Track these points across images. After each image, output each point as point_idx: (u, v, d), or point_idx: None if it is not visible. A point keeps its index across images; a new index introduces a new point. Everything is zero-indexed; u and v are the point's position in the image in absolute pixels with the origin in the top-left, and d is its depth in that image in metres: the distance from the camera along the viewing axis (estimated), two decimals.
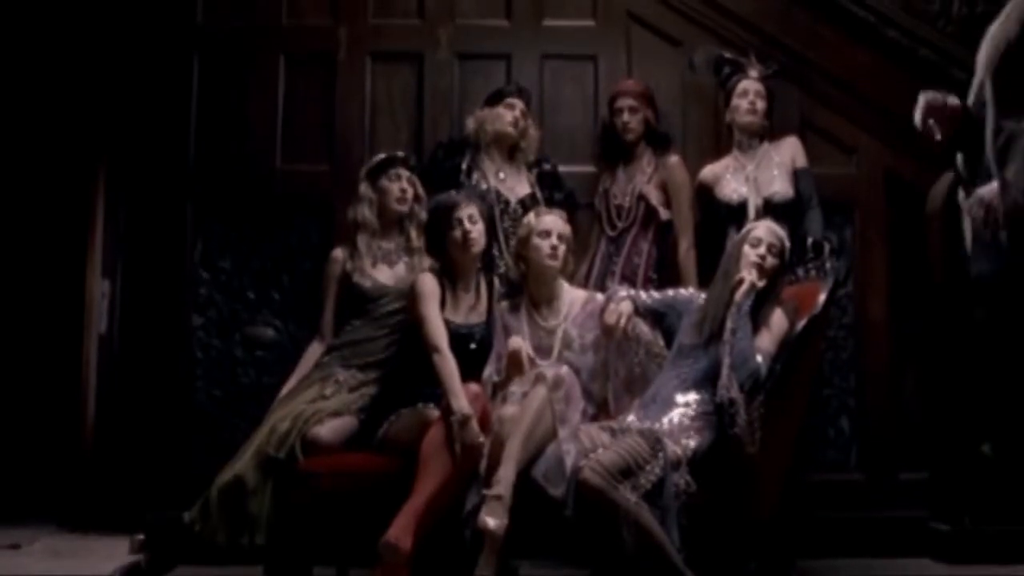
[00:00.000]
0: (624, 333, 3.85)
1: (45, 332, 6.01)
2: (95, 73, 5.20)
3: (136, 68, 5.05)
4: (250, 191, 4.96)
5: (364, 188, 4.28)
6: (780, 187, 4.43)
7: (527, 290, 4.07)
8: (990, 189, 2.77)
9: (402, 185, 4.27)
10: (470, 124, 4.61)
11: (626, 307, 3.86)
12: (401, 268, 4.23)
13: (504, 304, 4.08)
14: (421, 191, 4.31)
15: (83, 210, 5.24)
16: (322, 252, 4.54)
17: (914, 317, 4.82)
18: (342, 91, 5.05)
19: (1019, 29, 2.77)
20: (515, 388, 3.71)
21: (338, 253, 4.27)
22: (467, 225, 3.96)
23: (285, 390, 4.12)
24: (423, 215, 4.23)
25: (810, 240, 4.33)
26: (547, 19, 5.11)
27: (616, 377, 3.90)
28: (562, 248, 3.97)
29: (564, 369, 3.69)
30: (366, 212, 4.25)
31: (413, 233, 4.27)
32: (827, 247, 4.37)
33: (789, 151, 4.54)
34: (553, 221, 4.02)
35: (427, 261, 4.15)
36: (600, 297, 4.05)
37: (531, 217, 4.09)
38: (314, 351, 4.21)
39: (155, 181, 4.98)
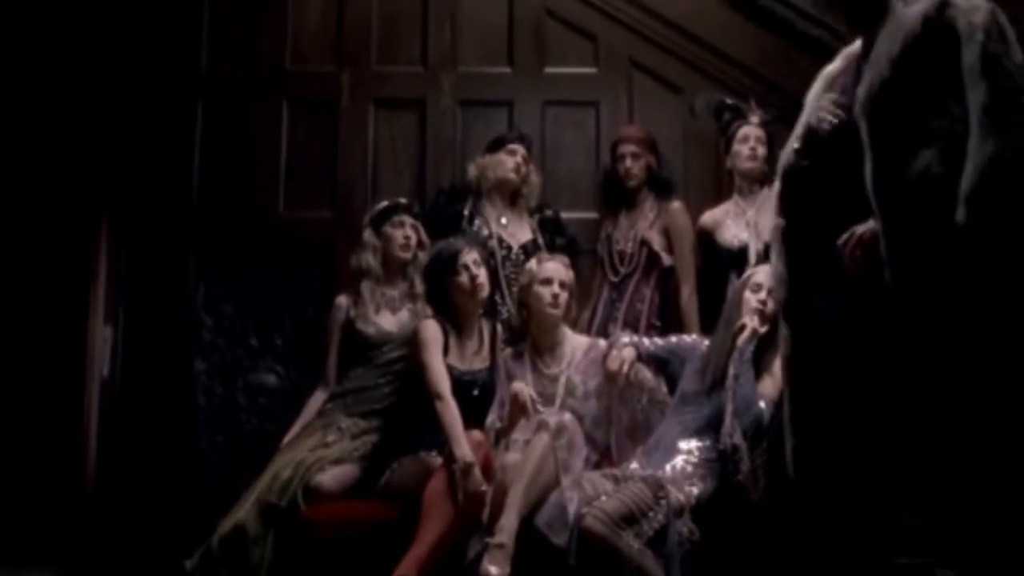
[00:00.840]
0: (627, 380, 3.85)
1: (47, 377, 6.00)
2: (99, 118, 5.22)
3: (140, 113, 5.06)
4: (253, 236, 4.97)
5: (368, 235, 4.31)
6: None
7: (530, 337, 4.07)
8: (868, 227, 2.79)
9: (406, 232, 4.29)
10: (472, 170, 4.64)
11: (629, 354, 3.87)
12: (405, 315, 4.25)
13: (507, 351, 4.08)
14: (425, 238, 4.34)
15: (86, 255, 5.24)
16: (325, 298, 4.57)
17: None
18: (345, 137, 5.08)
19: (891, 69, 2.79)
20: (518, 435, 3.70)
21: (342, 300, 4.29)
22: (473, 270, 3.97)
23: (288, 437, 4.12)
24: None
25: None
26: (549, 66, 5.14)
27: (619, 424, 3.90)
28: (564, 295, 3.98)
29: (567, 416, 3.68)
30: (370, 259, 4.27)
31: (417, 280, 4.29)
32: None
33: None
34: (555, 268, 4.02)
35: (430, 308, 4.15)
36: (603, 344, 4.05)
37: (532, 264, 4.10)
38: (317, 399, 4.21)
39: (158, 226, 4.98)
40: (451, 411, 3.71)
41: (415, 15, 5.20)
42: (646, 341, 4.00)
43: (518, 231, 4.55)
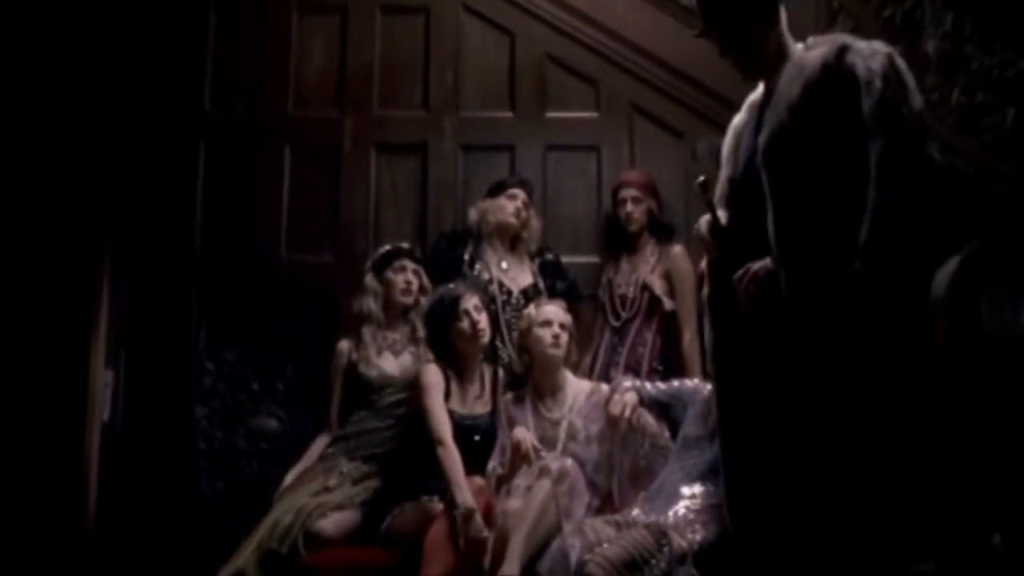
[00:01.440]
0: (629, 425, 3.84)
1: (47, 420, 5.96)
2: (102, 161, 5.22)
3: (143, 157, 5.08)
4: (255, 281, 4.99)
5: (370, 280, 4.32)
6: None
7: (532, 381, 4.07)
8: (762, 264, 2.81)
9: (407, 277, 4.30)
10: (473, 215, 4.65)
11: (631, 398, 3.86)
12: (407, 358, 4.25)
13: (508, 396, 4.08)
14: (427, 282, 4.35)
15: (87, 298, 5.22)
16: (326, 342, 4.57)
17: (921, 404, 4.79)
18: (347, 181, 5.10)
19: (791, 116, 2.81)
20: (519, 481, 3.68)
21: (344, 345, 4.30)
22: (474, 315, 3.98)
23: (289, 478, 4.10)
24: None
25: None
26: (550, 110, 5.16)
27: (621, 469, 3.88)
28: (564, 337, 3.98)
29: (568, 462, 3.67)
30: (372, 304, 4.28)
31: (418, 324, 4.29)
32: None
33: None
34: (553, 311, 4.04)
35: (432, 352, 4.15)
36: (605, 388, 4.04)
37: (531, 309, 4.11)
38: (320, 444, 4.21)
39: (160, 270, 5.00)
40: (452, 457, 3.70)
41: (417, 60, 5.25)
42: (648, 386, 3.99)
43: (519, 275, 4.56)
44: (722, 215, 3.12)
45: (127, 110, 5.12)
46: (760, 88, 3.12)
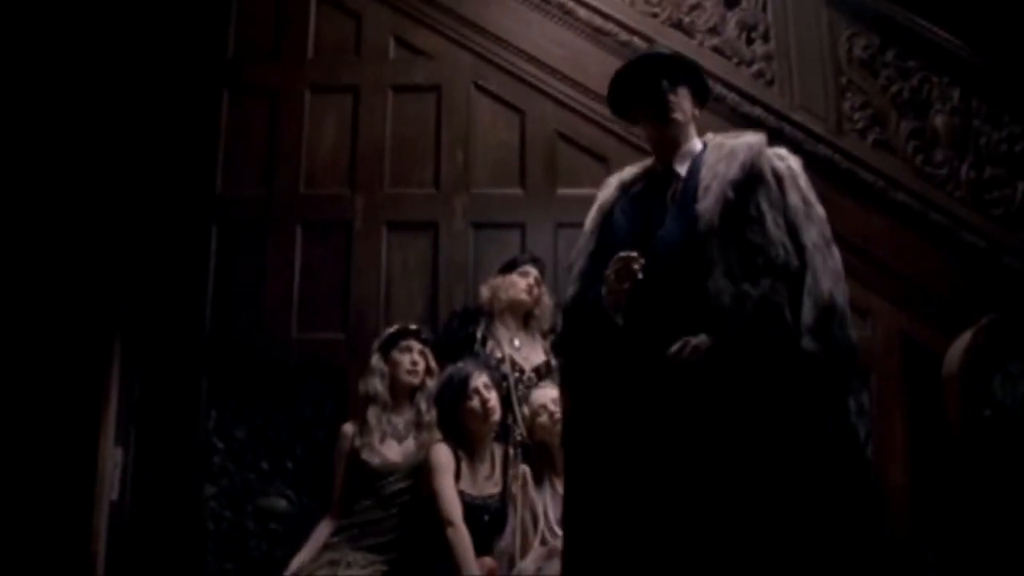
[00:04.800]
0: None
1: (55, 499, 5.93)
2: (114, 240, 5.25)
3: (155, 236, 5.11)
4: (265, 360, 4.98)
5: (376, 360, 4.30)
6: None
7: (550, 461, 4.04)
8: (701, 339, 2.78)
9: (413, 357, 4.28)
10: (484, 292, 4.63)
11: None
12: (411, 444, 4.21)
13: (528, 473, 4.04)
14: (433, 364, 4.32)
15: (97, 376, 5.22)
16: (336, 421, 4.54)
17: (935, 482, 4.75)
18: (358, 260, 5.11)
19: (734, 192, 2.89)
20: (529, 563, 3.65)
21: (347, 428, 4.27)
22: (484, 394, 3.97)
23: (295, 564, 4.05)
24: (435, 388, 4.23)
25: None
26: (561, 188, 5.18)
27: None
28: (560, 410, 3.98)
29: None
30: (377, 385, 4.25)
31: (424, 408, 4.25)
32: None
33: None
34: (542, 395, 4.12)
35: (436, 436, 4.12)
36: None
37: (532, 399, 4.14)
38: (323, 530, 4.15)
39: (170, 350, 5.00)
40: (462, 538, 3.68)
41: (427, 139, 5.28)
42: None
43: (531, 353, 4.53)
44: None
45: (140, 191, 5.16)
46: (631, 170, 3.25)
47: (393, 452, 4.17)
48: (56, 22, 5.11)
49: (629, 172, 3.25)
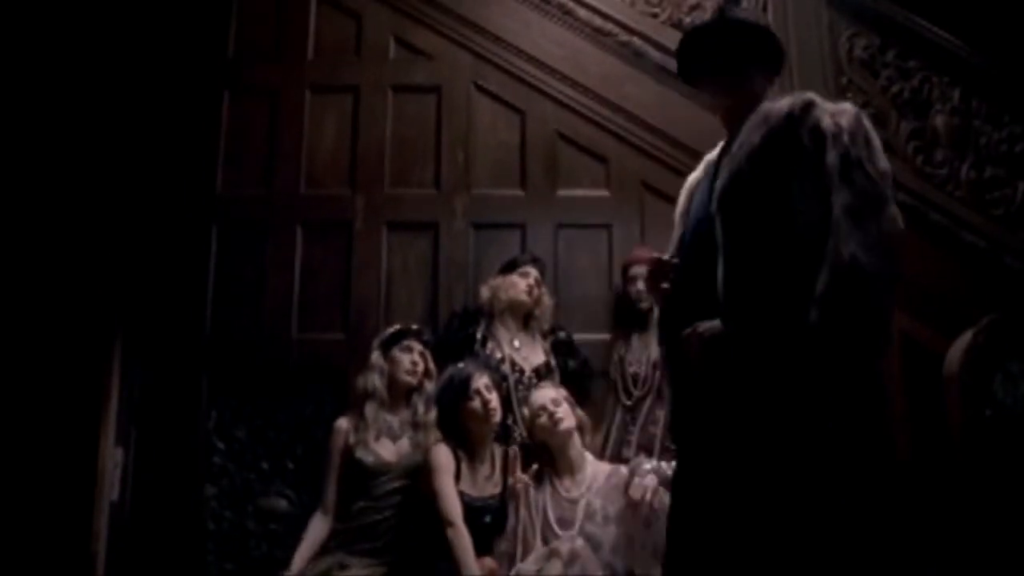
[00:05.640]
0: (651, 507, 3.80)
1: (56, 499, 5.93)
2: (114, 240, 5.25)
3: (155, 237, 5.10)
4: (266, 360, 4.98)
5: (376, 357, 4.30)
6: None
7: (551, 461, 4.04)
8: (711, 324, 2.66)
9: (413, 358, 4.28)
10: (484, 293, 4.64)
11: (651, 482, 3.82)
12: (405, 444, 4.20)
13: (526, 476, 4.03)
14: (432, 366, 4.32)
15: (98, 377, 5.22)
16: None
17: (935, 483, 4.74)
18: (358, 260, 5.11)
19: (749, 163, 2.70)
20: (530, 563, 3.65)
21: (342, 423, 4.25)
22: (485, 395, 3.97)
23: (295, 568, 4.03)
24: (432, 390, 4.24)
25: None
26: (561, 189, 5.19)
27: (644, 549, 3.83)
28: (561, 411, 3.99)
29: (579, 543, 3.65)
30: (376, 381, 4.25)
31: (420, 408, 4.25)
32: None
33: None
34: (541, 397, 4.09)
35: (432, 437, 4.13)
36: (624, 470, 4.01)
37: (531, 400, 4.13)
38: (317, 527, 4.13)
39: (171, 350, 5.00)
40: (463, 538, 3.68)
41: (428, 139, 5.29)
42: (665, 466, 3.95)
43: (531, 354, 4.54)
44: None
45: (141, 191, 5.15)
46: (718, 147, 3.03)
47: (387, 451, 4.16)
48: (57, 24, 5.11)
49: (716, 150, 3.05)
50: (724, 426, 2.63)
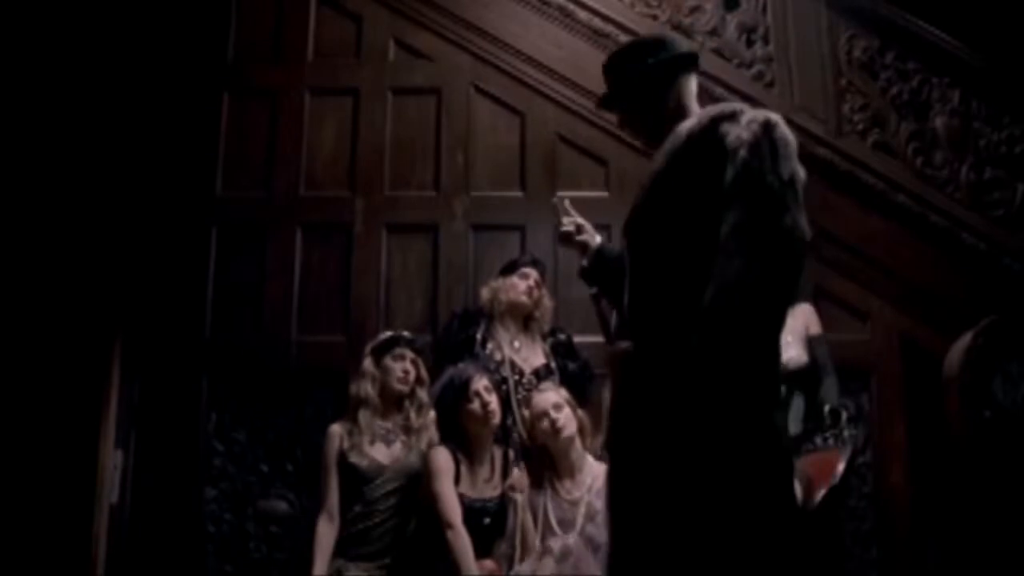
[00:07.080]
0: None
1: (55, 501, 5.93)
2: (114, 243, 5.25)
3: (155, 239, 5.11)
4: (265, 363, 4.98)
5: (368, 364, 4.29)
6: (794, 354, 4.40)
7: (552, 463, 4.04)
8: (626, 344, 2.64)
9: (405, 366, 4.27)
10: (484, 294, 4.63)
11: None
12: (398, 447, 4.20)
13: (525, 477, 4.03)
14: (424, 374, 4.32)
15: (98, 379, 5.22)
16: None
17: (935, 484, 4.75)
18: (358, 262, 5.11)
19: (650, 185, 2.65)
20: (525, 567, 3.66)
21: (335, 429, 4.24)
22: (485, 397, 3.96)
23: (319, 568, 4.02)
24: (424, 397, 4.24)
25: (827, 408, 4.29)
26: (561, 190, 5.14)
27: None
28: (562, 415, 3.98)
29: (571, 540, 3.65)
30: (368, 389, 4.24)
31: (412, 414, 4.25)
32: (844, 415, 4.32)
33: (802, 318, 4.52)
34: (542, 401, 4.07)
35: (424, 441, 4.14)
36: None
37: (533, 405, 4.12)
38: (325, 532, 4.12)
39: (171, 353, 5.00)
40: (462, 540, 3.67)
41: (427, 141, 5.29)
42: None
43: (531, 355, 4.53)
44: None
45: (140, 193, 5.16)
46: None
47: (381, 454, 4.15)
48: (58, 26, 5.11)
49: None
50: (631, 441, 2.60)
